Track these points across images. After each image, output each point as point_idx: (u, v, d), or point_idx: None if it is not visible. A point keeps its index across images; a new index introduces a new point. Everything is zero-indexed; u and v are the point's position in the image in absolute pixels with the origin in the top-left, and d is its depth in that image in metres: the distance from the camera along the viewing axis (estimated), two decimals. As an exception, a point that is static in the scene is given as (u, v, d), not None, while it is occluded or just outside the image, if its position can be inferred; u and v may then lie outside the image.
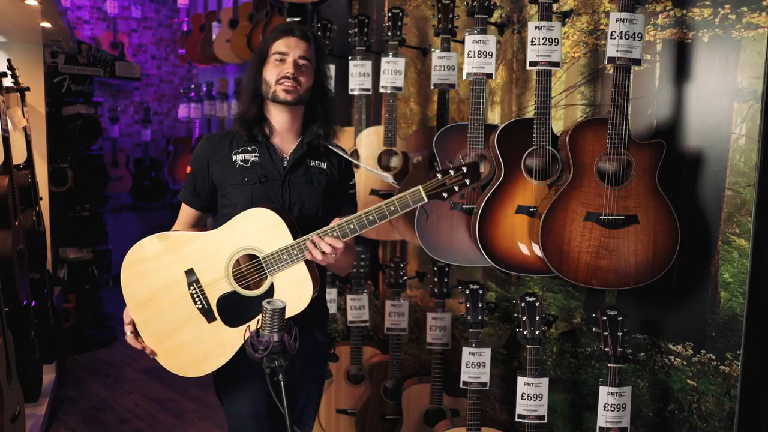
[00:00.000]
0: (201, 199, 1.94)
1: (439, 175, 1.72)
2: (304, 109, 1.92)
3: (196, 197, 1.94)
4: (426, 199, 1.70)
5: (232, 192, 1.87)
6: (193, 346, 1.79)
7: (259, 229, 1.74)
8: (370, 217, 1.69)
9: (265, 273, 1.73)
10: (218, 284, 1.77)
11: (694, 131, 2.14)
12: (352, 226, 1.70)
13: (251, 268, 1.76)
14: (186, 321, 1.79)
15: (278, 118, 1.90)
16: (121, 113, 6.55)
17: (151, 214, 6.80)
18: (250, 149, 1.88)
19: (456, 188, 1.72)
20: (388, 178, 2.00)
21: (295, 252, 1.71)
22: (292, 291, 1.73)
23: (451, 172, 1.71)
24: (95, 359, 4.57)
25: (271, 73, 1.85)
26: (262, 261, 1.73)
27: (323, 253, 1.69)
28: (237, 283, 1.77)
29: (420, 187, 1.70)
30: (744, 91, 2.02)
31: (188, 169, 1.95)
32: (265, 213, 1.73)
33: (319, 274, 1.83)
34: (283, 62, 1.84)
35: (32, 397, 3.23)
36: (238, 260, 1.77)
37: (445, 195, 1.71)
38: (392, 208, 1.70)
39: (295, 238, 1.72)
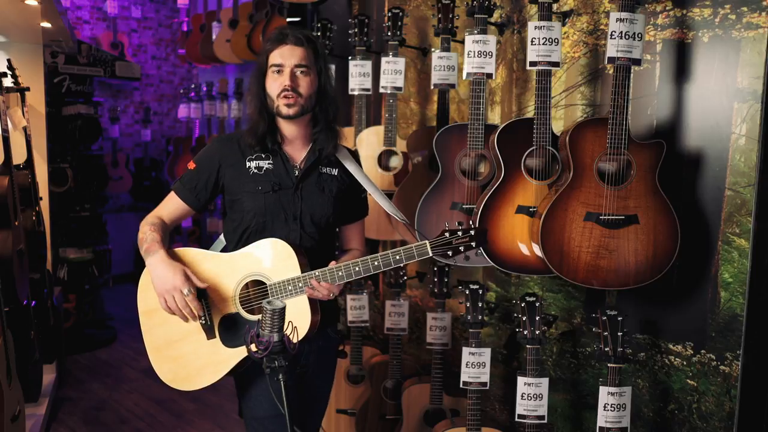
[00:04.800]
0: (198, 198, 1.93)
1: (447, 234, 1.77)
2: (310, 116, 1.92)
3: (193, 195, 1.93)
4: (431, 254, 1.77)
5: (246, 199, 1.88)
6: (189, 360, 1.85)
7: (272, 258, 1.81)
8: (376, 263, 1.77)
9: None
10: (225, 304, 1.83)
11: (694, 131, 2.14)
12: (357, 268, 1.78)
13: (257, 293, 1.82)
14: (187, 334, 1.84)
15: (287, 129, 1.91)
16: (121, 113, 6.55)
17: (151, 214, 6.79)
18: (263, 156, 1.90)
19: (461, 249, 1.77)
20: (398, 214, 1.99)
21: (300, 285, 1.78)
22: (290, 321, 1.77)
23: (459, 233, 1.77)
24: (95, 359, 4.57)
25: (271, 87, 1.85)
26: (268, 288, 1.80)
27: (321, 293, 1.78)
28: (242, 306, 1.83)
29: (427, 242, 1.77)
30: (744, 91, 2.02)
31: (191, 165, 1.93)
32: (280, 245, 1.81)
33: (325, 305, 1.88)
34: (280, 74, 1.83)
35: (32, 397, 3.23)
36: (247, 284, 1.83)
37: (450, 254, 1.77)
38: (397, 257, 1.77)
39: (304, 272, 1.79)
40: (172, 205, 1.95)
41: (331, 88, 1.94)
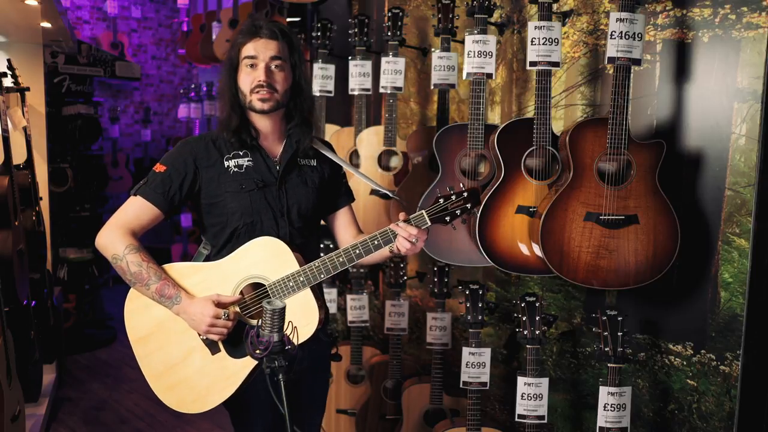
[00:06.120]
0: (172, 203, 1.81)
1: (441, 200, 1.74)
2: (284, 111, 1.86)
3: (166, 200, 1.79)
4: (429, 223, 1.73)
5: (229, 200, 1.80)
6: (196, 380, 1.77)
7: (266, 257, 1.73)
8: (375, 242, 1.73)
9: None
10: None
11: (694, 131, 2.14)
12: (357, 251, 1.72)
13: (257, 296, 1.75)
14: (189, 353, 1.76)
15: (261, 123, 1.84)
16: (121, 113, 6.55)
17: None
18: (242, 153, 1.83)
19: (458, 212, 1.75)
20: (382, 188, 1.99)
21: (302, 279, 1.71)
22: (299, 318, 1.70)
23: (453, 197, 1.74)
24: (95, 359, 4.57)
25: (244, 81, 1.77)
26: (268, 289, 1.72)
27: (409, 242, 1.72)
28: (242, 312, 1.76)
29: (423, 211, 1.73)
30: (744, 91, 2.02)
31: (160, 168, 1.80)
32: (271, 242, 1.74)
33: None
34: (254, 68, 1.76)
35: (32, 397, 3.23)
36: (243, 290, 1.76)
37: (447, 219, 1.75)
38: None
39: (301, 265, 1.73)
40: (140, 212, 1.79)
41: (306, 82, 1.88)
